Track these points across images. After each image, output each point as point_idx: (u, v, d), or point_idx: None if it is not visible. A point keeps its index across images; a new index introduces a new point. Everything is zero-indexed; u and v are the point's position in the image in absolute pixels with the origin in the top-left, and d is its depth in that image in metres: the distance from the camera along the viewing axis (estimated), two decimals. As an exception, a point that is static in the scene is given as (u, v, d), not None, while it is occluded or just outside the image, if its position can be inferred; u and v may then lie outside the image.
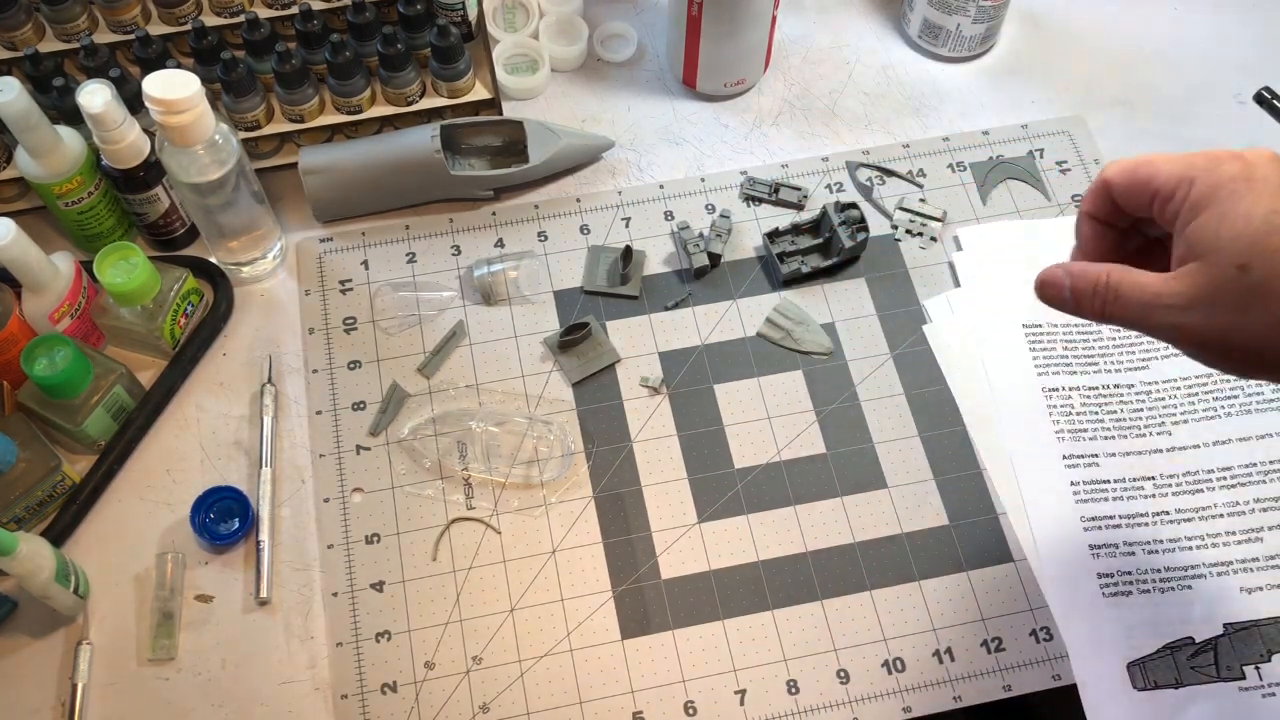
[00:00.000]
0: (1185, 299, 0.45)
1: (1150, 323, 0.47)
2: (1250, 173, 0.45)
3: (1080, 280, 0.48)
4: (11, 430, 0.66)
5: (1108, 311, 0.48)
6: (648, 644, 0.65)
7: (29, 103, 0.66)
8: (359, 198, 0.78)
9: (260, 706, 0.63)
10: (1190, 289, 0.45)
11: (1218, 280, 0.45)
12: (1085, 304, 0.49)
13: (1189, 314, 0.45)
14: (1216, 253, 0.45)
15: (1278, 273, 0.43)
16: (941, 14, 0.84)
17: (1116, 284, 0.47)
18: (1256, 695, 0.62)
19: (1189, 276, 0.45)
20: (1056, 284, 0.49)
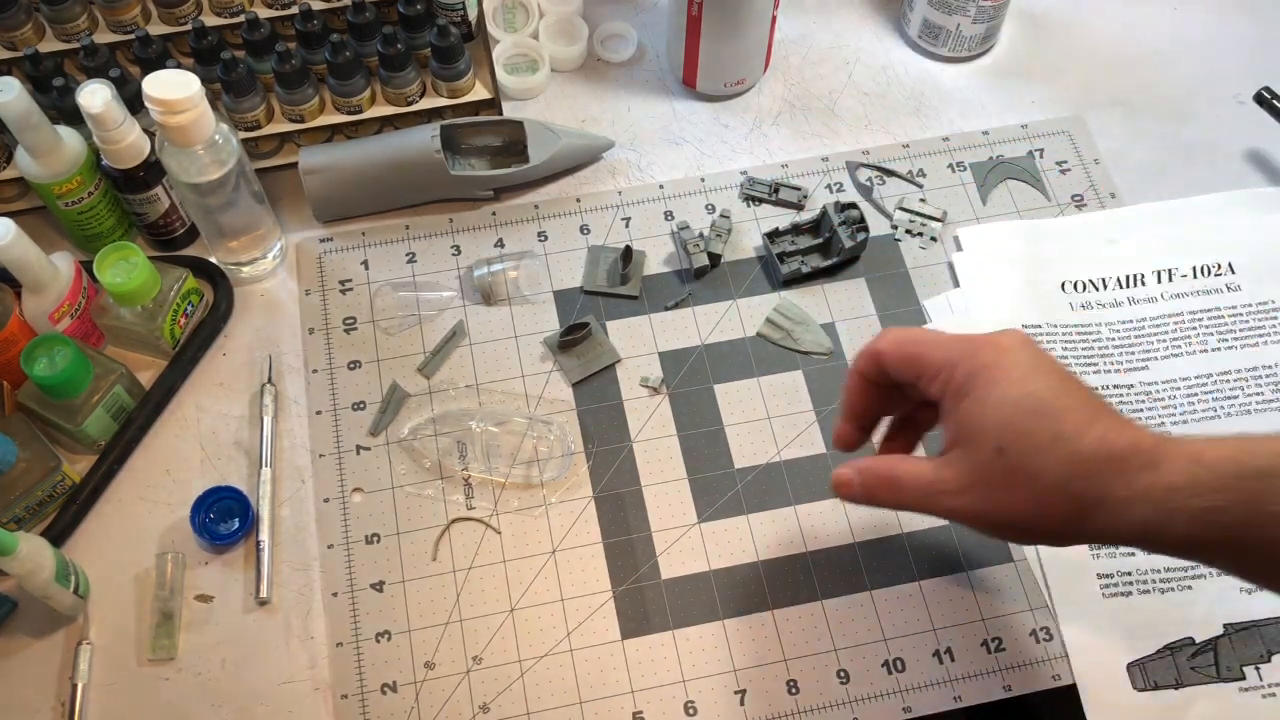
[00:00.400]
0: (957, 485, 0.49)
1: (935, 509, 0.51)
2: (1001, 360, 0.49)
3: (868, 475, 0.53)
4: (11, 430, 0.66)
5: (893, 501, 0.53)
6: (648, 644, 0.65)
7: (29, 103, 0.66)
8: (359, 198, 0.78)
9: (260, 706, 0.63)
10: (960, 475, 0.49)
11: (981, 465, 0.49)
12: (874, 496, 0.53)
13: (963, 498, 0.49)
14: (977, 439, 0.49)
15: (1029, 452, 0.47)
16: (941, 14, 0.84)
17: (898, 477, 0.52)
18: (1256, 696, 0.62)
19: (957, 463, 0.50)
20: (848, 483, 0.54)
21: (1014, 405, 0.48)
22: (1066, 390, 0.48)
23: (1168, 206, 0.80)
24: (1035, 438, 0.47)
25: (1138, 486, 0.46)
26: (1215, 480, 0.45)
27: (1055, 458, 0.47)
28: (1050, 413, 0.48)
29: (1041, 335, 0.73)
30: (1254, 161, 0.83)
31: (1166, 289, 0.76)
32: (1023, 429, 0.48)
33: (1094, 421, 0.47)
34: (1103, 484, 0.47)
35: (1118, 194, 0.81)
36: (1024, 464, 0.47)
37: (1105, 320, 0.74)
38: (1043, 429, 0.47)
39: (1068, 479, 0.47)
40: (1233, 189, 0.81)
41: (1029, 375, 0.49)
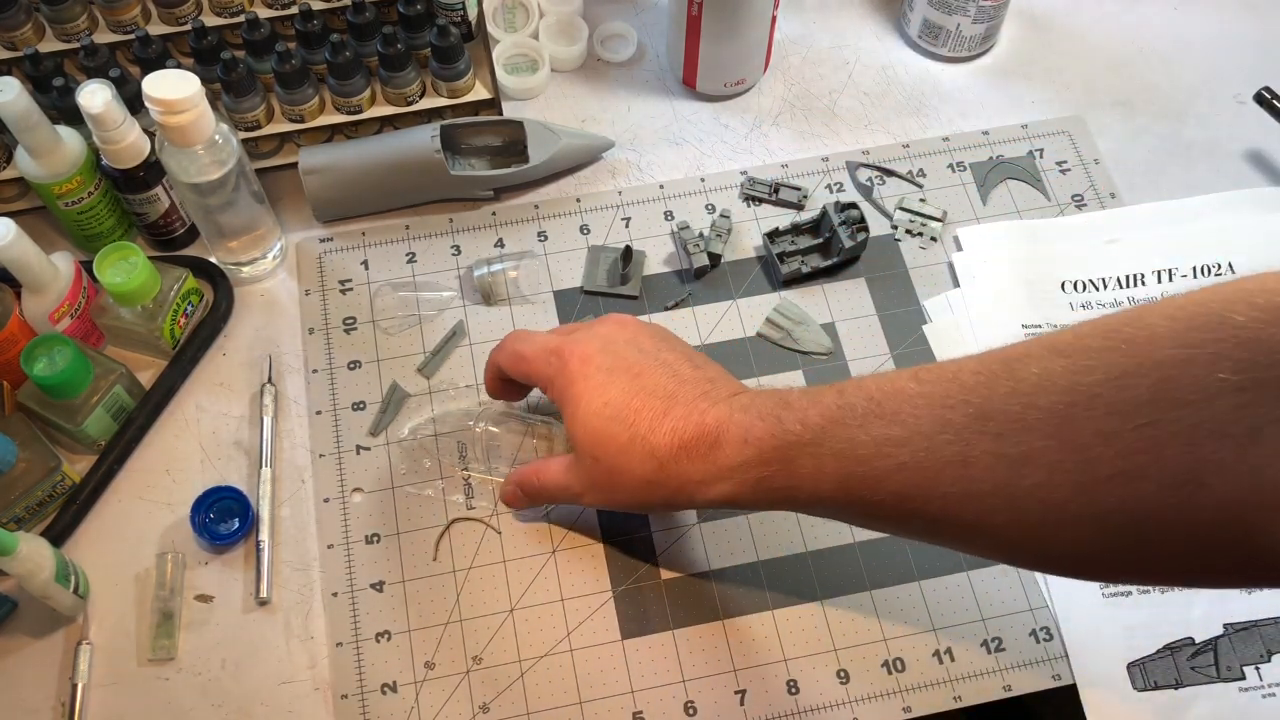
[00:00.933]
0: (581, 486, 0.59)
1: (575, 504, 0.63)
2: (584, 369, 0.58)
3: (522, 484, 0.64)
4: (11, 430, 0.66)
5: (549, 500, 0.65)
6: (648, 644, 0.65)
7: (29, 103, 0.66)
8: (359, 198, 0.78)
9: (260, 706, 0.63)
10: (579, 479, 0.59)
11: (587, 470, 0.58)
12: (535, 501, 0.65)
13: (588, 497, 0.60)
14: (579, 450, 0.58)
15: (615, 454, 0.56)
16: (941, 14, 0.84)
17: (543, 484, 0.62)
18: (1257, 696, 0.62)
19: (574, 468, 0.60)
20: (511, 494, 0.65)
21: (596, 415, 0.56)
22: (640, 390, 0.56)
23: (1168, 206, 0.80)
24: (617, 441, 0.56)
25: (708, 469, 0.54)
26: (759, 455, 0.52)
27: (637, 456, 0.55)
28: (625, 417, 0.56)
29: (1041, 335, 0.73)
30: (1254, 161, 0.83)
31: (1167, 289, 0.76)
32: (605, 436, 0.56)
33: (665, 415, 0.55)
34: (680, 470, 0.55)
35: (1118, 194, 0.81)
36: (615, 465, 0.56)
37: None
38: (620, 433, 0.56)
39: (652, 473, 0.55)
40: (1233, 189, 0.81)
41: (606, 383, 0.57)
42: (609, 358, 0.58)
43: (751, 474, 0.53)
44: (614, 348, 0.59)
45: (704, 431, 0.54)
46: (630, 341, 0.59)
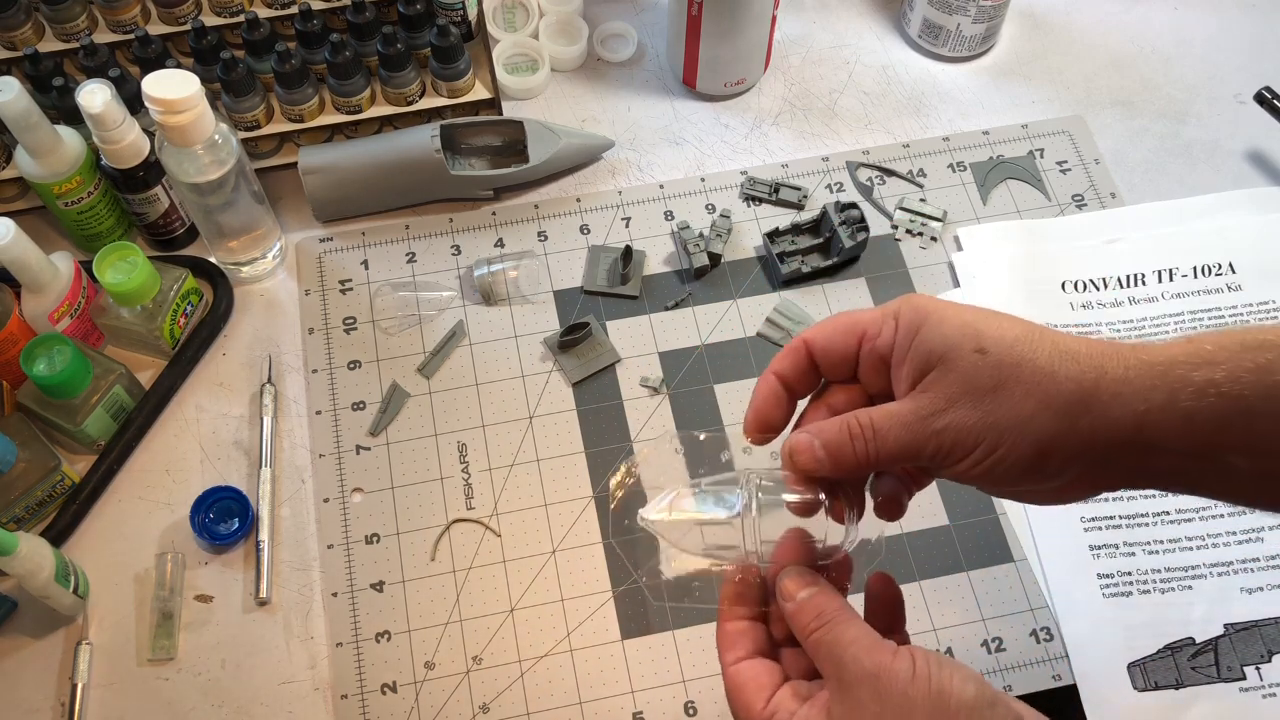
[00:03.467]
0: (944, 400, 0.43)
1: (919, 446, 0.43)
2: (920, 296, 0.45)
3: (829, 433, 0.45)
4: (11, 430, 0.66)
5: (871, 451, 0.44)
6: (648, 644, 0.65)
7: (29, 102, 0.66)
8: (359, 198, 0.78)
9: (260, 706, 0.63)
10: (943, 390, 0.43)
11: (965, 370, 0.43)
12: (845, 454, 0.45)
13: (951, 414, 0.43)
14: (953, 349, 0.43)
15: (1012, 343, 0.43)
16: (941, 14, 0.84)
17: (869, 422, 0.44)
18: (1257, 696, 0.62)
19: (935, 383, 0.43)
20: (806, 447, 0.45)
21: (976, 315, 0.44)
22: None
23: (1168, 206, 0.80)
24: (1013, 331, 0.43)
25: (1134, 361, 0.42)
26: (1218, 351, 0.41)
27: (1041, 346, 0.43)
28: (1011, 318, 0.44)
29: (1042, 335, 0.73)
30: (1254, 161, 0.83)
31: (1167, 288, 0.76)
32: (997, 328, 0.43)
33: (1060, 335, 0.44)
34: (1096, 363, 0.42)
35: (1118, 194, 0.81)
36: (1011, 354, 0.42)
37: (1106, 320, 0.74)
38: (1017, 324, 0.43)
39: (1058, 362, 0.42)
40: (1233, 189, 0.81)
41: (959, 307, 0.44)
42: None
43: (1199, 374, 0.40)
44: None
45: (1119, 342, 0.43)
46: None
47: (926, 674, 0.41)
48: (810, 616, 0.45)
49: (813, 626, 0.44)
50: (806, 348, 0.47)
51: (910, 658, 0.41)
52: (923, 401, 0.43)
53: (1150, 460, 0.42)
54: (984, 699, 0.41)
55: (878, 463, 0.44)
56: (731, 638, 0.47)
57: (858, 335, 0.46)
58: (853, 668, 0.42)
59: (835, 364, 0.47)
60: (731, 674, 0.46)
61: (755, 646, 0.47)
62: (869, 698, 0.41)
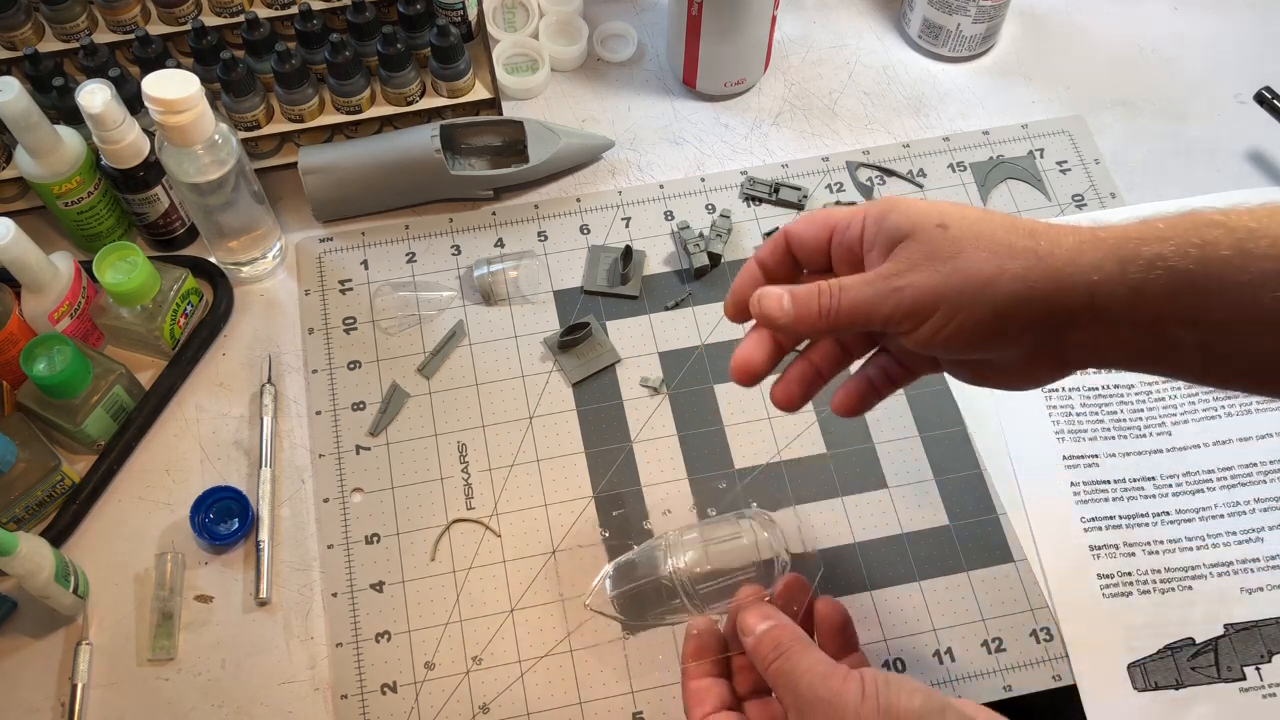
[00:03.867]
0: (905, 264, 0.45)
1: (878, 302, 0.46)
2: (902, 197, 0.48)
3: (799, 288, 0.48)
4: (11, 430, 0.66)
5: (834, 305, 0.47)
6: (648, 644, 0.65)
7: (29, 102, 0.66)
8: (359, 198, 0.78)
9: (260, 706, 0.63)
10: (905, 256, 0.45)
11: (926, 241, 0.45)
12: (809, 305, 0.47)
13: (912, 275, 0.45)
14: (917, 224, 0.46)
15: (972, 220, 0.45)
16: (941, 14, 0.84)
17: (836, 281, 0.47)
18: (1257, 696, 0.62)
19: (899, 253, 0.46)
20: (774, 295, 0.48)
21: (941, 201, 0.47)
22: None
23: (1168, 207, 0.79)
24: (973, 212, 0.46)
25: (1087, 236, 0.44)
26: (1167, 229, 0.42)
27: (997, 222, 0.45)
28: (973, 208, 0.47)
29: (1042, 335, 0.73)
30: (1254, 161, 0.83)
31: (1167, 289, 0.75)
32: (958, 208, 0.46)
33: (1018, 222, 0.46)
34: (1051, 236, 0.44)
35: (1118, 194, 0.81)
36: (970, 229, 0.45)
37: (1105, 320, 0.74)
38: (977, 209, 0.47)
39: (1013, 234, 0.45)
40: (1233, 189, 0.80)
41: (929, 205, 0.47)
42: None
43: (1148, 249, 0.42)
44: None
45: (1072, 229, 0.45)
46: None
47: (875, 693, 0.45)
48: (769, 648, 0.49)
49: (771, 658, 0.49)
50: (785, 239, 0.51)
51: (859, 681, 0.46)
52: (885, 266, 0.46)
53: (1105, 333, 0.44)
54: (931, 707, 0.44)
55: (838, 317, 0.47)
56: (697, 695, 0.52)
57: (830, 227, 0.50)
58: (807, 694, 0.46)
59: (809, 254, 0.51)
60: None
61: (720, 702, 0.52)
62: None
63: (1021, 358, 0.47)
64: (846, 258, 0.49)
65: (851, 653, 0.54)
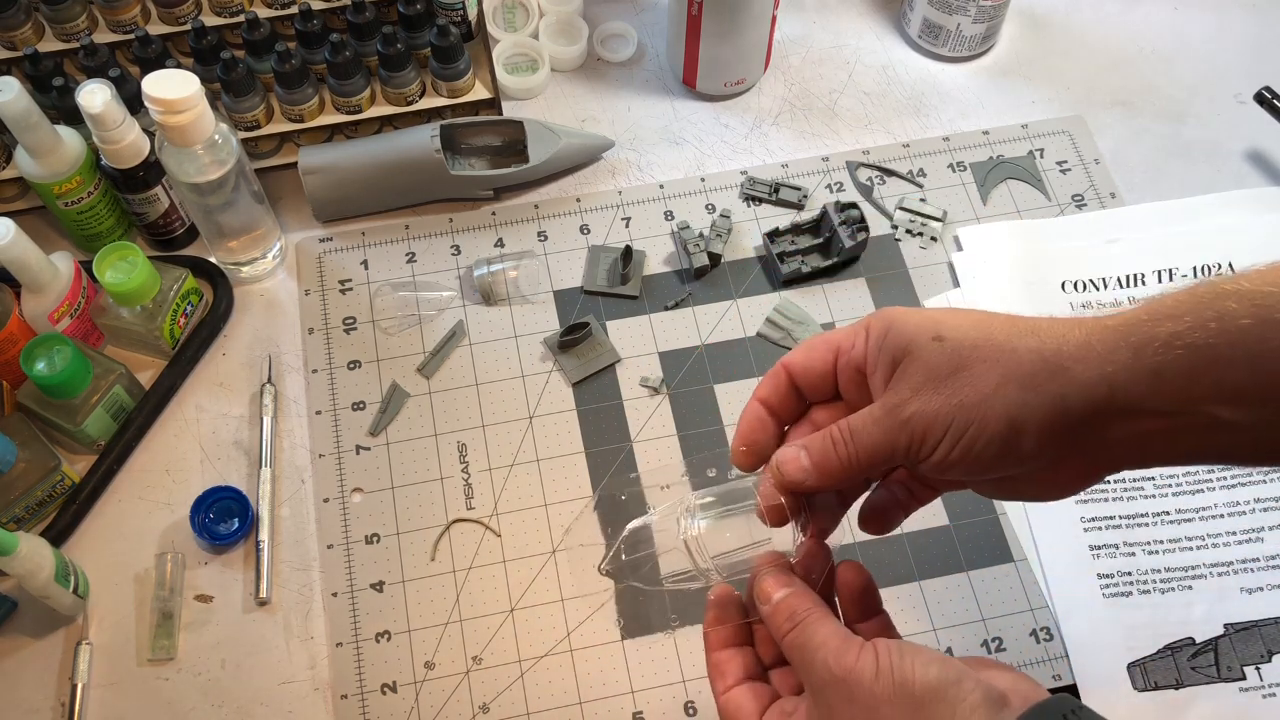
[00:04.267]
0: (908, 390, 0.43)
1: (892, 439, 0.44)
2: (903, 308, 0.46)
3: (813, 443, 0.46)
4: (11, 430, 0.66)
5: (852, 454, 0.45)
6: (648, 644, 0.65)
7: (29, 102, 0.66)
8: (359, 198, 0.78)
9: (260, 706, 0.63)
10: (908, 382, 0.44)
11: (925, 359, 0.43)
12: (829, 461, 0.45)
13: (916, 402, 0.43)
14: (913, 342, 0.44)
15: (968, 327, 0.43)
16: (942, 14, 0.84)
17: (846, 426, 0.45)
18: (1257, 696, 0.62)
19: (901, 378, 0.44)
20: (792, 458, 0.46)
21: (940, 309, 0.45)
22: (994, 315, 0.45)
23: (1168, 206, 0.80)
24: (970, 317, 0.44)
25: (1094, 327, 0.42)
26: (1178, 306, 0.41)
27: (997, 325, 0.43)
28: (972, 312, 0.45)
29: (1041, 335, 0.73)
30: (1254, 161, 0.83)
31: (1167, 289, 0.75)
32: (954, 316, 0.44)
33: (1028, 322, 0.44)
34: (1056, 333, 0.42)
35: (1118, 194, 0.81)
36: (968, 337, 0.43)
37: (1105, 320, 0.74)
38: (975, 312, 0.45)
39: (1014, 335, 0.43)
40: (1233, 189, 0.81)
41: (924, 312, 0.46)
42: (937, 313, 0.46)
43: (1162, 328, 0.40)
44: None
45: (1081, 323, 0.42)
46: None
47: (889, 668, 0.42)
48: (784, 618, 0.46)
49: (786, 628, 0.46)
50: (786, 371, 0.48)
51: (874, 655, 0.42)
52: (890, 397, 0.44)
53: (1133, 426, 0.41)
54: (948, 678, 0.41)
55: (859, 465, 0.45)
56: (720, 666, 0.49)
57: (833, 351, 0.47)
58: (822, 673, 0.43)
59: (815, 383, 0.48)
60: (723, 703, 0.48)
61: (744, 672, 0.49)
62: (840, 701, 0.42)
63: (1046, 468, 0.44)
64: (854, 380, 0.47)
65: (873, 616, 0.50)
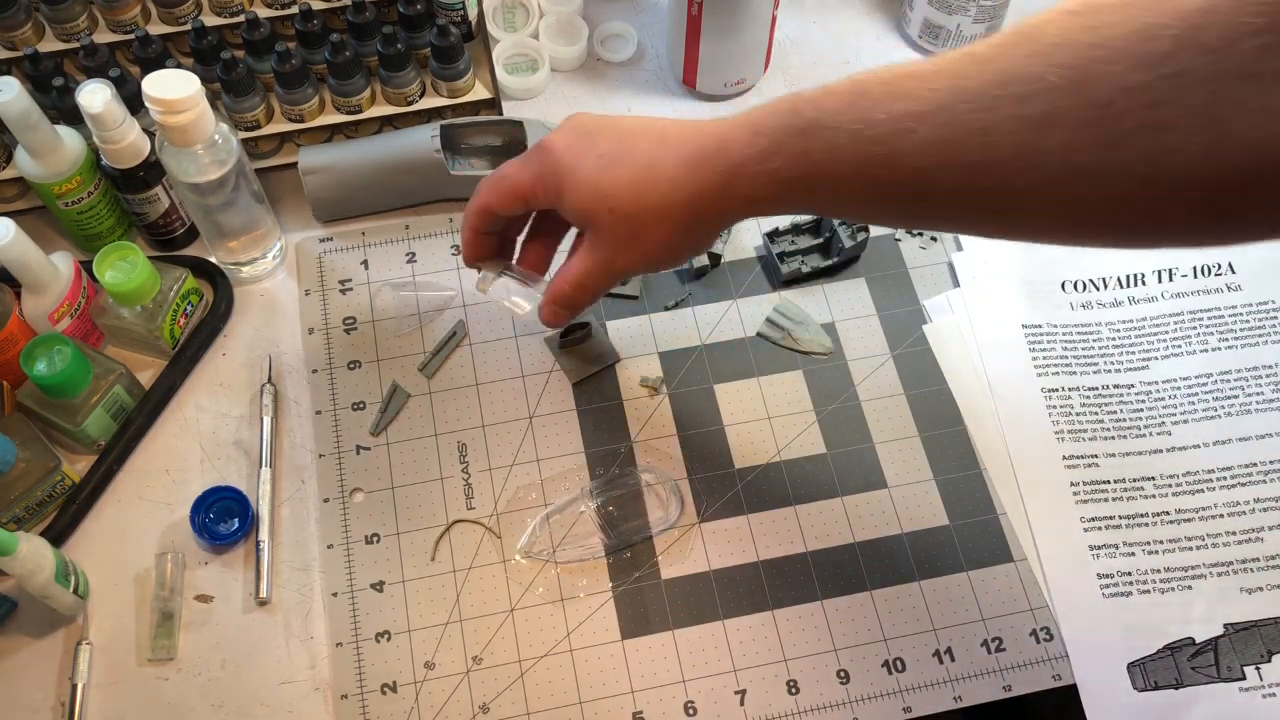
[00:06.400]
0: (608, 252, 0.57)
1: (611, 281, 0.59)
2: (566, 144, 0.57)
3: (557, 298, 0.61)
4: (11, 430, 0.66)
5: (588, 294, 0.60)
6: (648, 644, 0.65)
7: (29, 102, 0.66)
8: (359, 198, 0.78)
9: (260, 706, 0.63)
10: (601, 251, 0.57)
11: (608, 232, 0.56)
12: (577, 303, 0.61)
13: (619, 259, 0.57)
14: (594, 215, 0.56)
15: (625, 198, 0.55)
16: (942, 14, 0.84)
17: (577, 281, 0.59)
18: (1257, 696, 0.62)
19: (596, 243, 0.57)
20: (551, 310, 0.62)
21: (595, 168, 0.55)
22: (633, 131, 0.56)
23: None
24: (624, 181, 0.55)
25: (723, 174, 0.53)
26: (772, 145, 0.51)
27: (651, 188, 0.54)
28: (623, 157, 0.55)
29: (1041, 335, 0.73)
30: (1254, 161, 0.82)
31: (1167, 288, 0.76)
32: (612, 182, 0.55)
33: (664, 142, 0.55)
34: (697, 186, 0.54)
35: (1118, 194, 0.80)
36: (632, 209, 0.55)
37: (1105, 320, 0.74)
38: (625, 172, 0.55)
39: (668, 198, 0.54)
40: (1233, 189, 0.80)
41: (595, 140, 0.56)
42: (590, 125, 0.57)
43: (767, 167, 0.52)
44: (589, 121, 0.58)
45: (708, 139, 0.54)
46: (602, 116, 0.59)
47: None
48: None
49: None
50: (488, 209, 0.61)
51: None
52: (598, 258, 0.58)
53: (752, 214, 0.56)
54: None
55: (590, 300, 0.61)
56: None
57: (520, 199, 0.59)
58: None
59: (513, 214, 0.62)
60: None
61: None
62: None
63: None
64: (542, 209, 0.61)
65: None
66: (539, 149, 0.58)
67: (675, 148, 0.54)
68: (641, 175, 0.54)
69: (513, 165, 0.59)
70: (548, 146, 0.57)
